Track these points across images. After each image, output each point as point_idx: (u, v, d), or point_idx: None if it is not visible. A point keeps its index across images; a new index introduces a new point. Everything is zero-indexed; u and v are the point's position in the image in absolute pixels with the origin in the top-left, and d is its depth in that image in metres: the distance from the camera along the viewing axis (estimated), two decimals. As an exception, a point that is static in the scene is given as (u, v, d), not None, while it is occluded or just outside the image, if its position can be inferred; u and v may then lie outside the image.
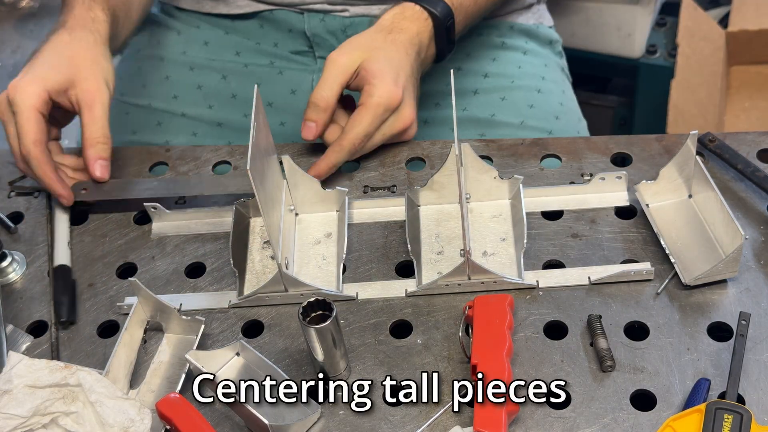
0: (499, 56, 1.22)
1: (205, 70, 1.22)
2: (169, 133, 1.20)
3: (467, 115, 1.17)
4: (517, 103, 1.19)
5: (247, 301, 0.89)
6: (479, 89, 1.19)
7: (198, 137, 1.19)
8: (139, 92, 1.23)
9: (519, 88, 1.20)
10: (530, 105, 1.19)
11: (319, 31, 1.20)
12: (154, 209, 0.97)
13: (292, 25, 1.21)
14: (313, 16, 1.19)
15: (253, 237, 0.96)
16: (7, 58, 2.82)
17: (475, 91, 1.19)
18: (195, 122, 1.20)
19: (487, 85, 1.20)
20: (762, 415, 0.77)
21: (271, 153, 0.90)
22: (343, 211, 0.96)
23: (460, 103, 1.17)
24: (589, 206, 0.95)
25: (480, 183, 0.94)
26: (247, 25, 1.23)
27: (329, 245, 0.94)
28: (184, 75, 1.22)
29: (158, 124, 1.20)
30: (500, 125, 1.17)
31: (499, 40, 1.23)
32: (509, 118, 1.17)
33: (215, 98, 1.21)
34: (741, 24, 1.62)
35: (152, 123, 1.21)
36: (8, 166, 1.07)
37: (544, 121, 1.18)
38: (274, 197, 0.89)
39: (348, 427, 0.79)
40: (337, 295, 0.89)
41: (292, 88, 1.21)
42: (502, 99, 1.19)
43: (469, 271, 0.86)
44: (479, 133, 1.16)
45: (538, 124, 1.17)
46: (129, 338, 0.86)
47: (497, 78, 1.21)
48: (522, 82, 1.21)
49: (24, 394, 0.77)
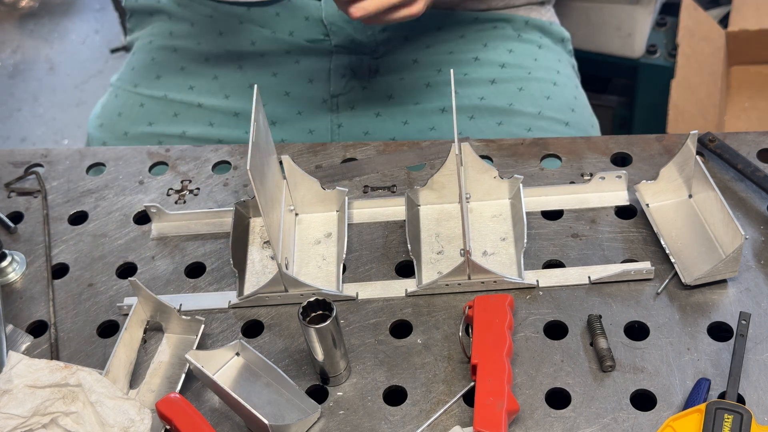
0: (515, 48, 1.23)
1: (221, 60, 1.22)
2: (186, 123, 1.20)
3: (485, 104, 1.17)
4: (534, 93, 1.19)
5: (247, 301, 0.89)
6: (497, 79, 1.19)
7: (215, 127, 1.19)
8: (154, 84, 1.23)
9: (536, 80, 1.20)
10: (547, 96, 1.19)
11: (336, 19, 1.20)
12: (154, 210, 0.97)
13: (309, 13, 1.21)
14: (331, 3, 1.19)
15: (253, 237, 0.96)
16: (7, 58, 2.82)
17: (493, 81, 1.19)
18: (212, 112, 1.20)
19: (505, 75, 1.20)
20: (762, 415, 0.77)
21: (271, 153, 0.90)
22: (343, 211, 0.96)
23: (477, 92, 1.18)
24: (589, 206, 0.95)
25: (480, 183, 0.94)
26: (262, 14, 1.22)
27: (329, 245, 0.94)
28: (199, 66, 1.23)
29: (175, 114, 1.21)
30: (518, 114, 1.17)
31: (515, 33, 1.24)
32: (527, 107, 1.17)
33: (231, 88, 1.21)
34: (741, 24, 1.62)
35: (169, 114, 1.21)
36: (8, 166, 1.07)
37: (561, 112, 1.18)
38: (274, 197, 0.89)
39: (348, 427, 0.79)
40: (337, 295, 0.89)
41: (309, 77, 1.21)
42: (519, 89, 1.19)
43: (470, 270, 0.86)
44: (497, 121, 1.16)
45: (555, 114, 1.18)
46: (129, 338, 0.86)
47: (514, 69, 1.21)
48: (538, 74, 1.21)
49: (24, 394, 0.77)
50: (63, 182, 1.05)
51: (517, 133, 1.15)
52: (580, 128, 1.18)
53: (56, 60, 2.83)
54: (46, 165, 1.08)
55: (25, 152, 1.09)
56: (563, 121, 1.18)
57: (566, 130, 1.17)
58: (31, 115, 2.65)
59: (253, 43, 1.22)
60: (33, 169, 1.07)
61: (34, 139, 2.56)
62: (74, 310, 0.92)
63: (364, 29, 1.19)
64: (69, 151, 1.09)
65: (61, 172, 1.07)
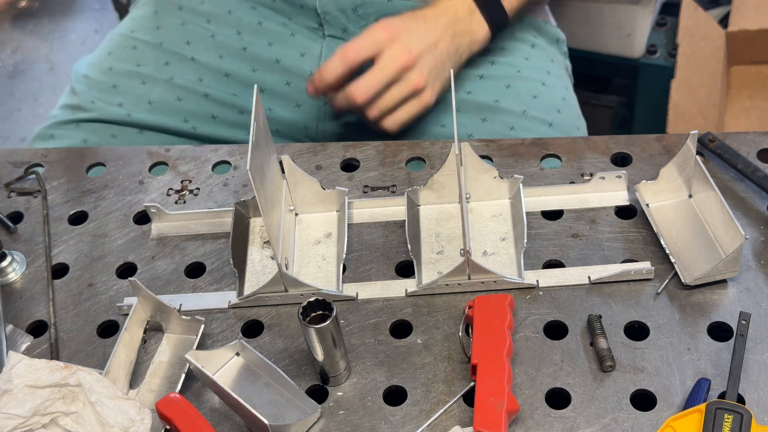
0: (507, 46, 1.23)
1: (221, 22, 1.24)
2: (175, 72, 1.22)
3: (471, 98, 1.17)
4: (521, 92, 1.19)
5: (247, 301, 0.89)
6: (485, 75, 1.20)
7: (203, 83, 1.21)
8: (151, 32, 1.24)
9: (524, 78, 1.20)
10: (534, 96, 1.19)
11: (330, 8, 1.20)
12: (154, 210, 0.97)
13: (303, 2, 1.21)
14: None
15: (253, 237, 0.96)
16: (8, 58, 2.82)
17: (481, 76, 1.19)
18: (203, 68, 1.22)
19: (494, 72, 1.20)
20: (762, 415, 0.77)
21: (271, 153, 0.90)
22: (342, 211, 0.96)
23: (464, 86, 1.18)
24: (589, 206, 0.95)
25: (480, 183, 0.94)
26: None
27: (329, 245, 0.94)
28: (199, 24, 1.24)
29: (166, 63, 1.22)
30: (503, 112, 1.17)
31: (509, 31, 1.24)
32: (512, 105, 1.17)
33: (226, 49, 1.22)
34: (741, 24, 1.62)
35: (160, 61, 1.22)
36: (8, 166, 1.07)
37: (546, 113, 1.18)
38: (273, 197, 0.89)
39: (348, 427, 0.79)
40: (337, 295, 0.89)
41: (302, 51, 1.21)
42: (507, 86, 1.19)
43: (470, 270, 0.86)
44: (481, 117, 1.16)
45: (540, 114, 1.18)
46: (129, 338, 0.86)
47: (504, 66, 1.21)
48: (528, 72, 1.21)
49: (24, 394, 0.77)
50: (63, 182, 1.05)
51: (500, 131, 1.15)
52: (564, 130, 1.18)
53: (56, 60, 2.83)
54: (46, 165, 1.08)
55: (25, 152, 1.09)
56: (547, 122, 1.17)
57: (549, 131, 1.17)
58: (31, 115, 2.65)
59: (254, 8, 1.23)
60: (33, 169, 1.07)
61: (34, 139, 2.56)
62: (74, 310, 0.92)
63: (358, 20, 1.19)
64: (69, 151, 1.09)
65: (61, 172, 1.07)
